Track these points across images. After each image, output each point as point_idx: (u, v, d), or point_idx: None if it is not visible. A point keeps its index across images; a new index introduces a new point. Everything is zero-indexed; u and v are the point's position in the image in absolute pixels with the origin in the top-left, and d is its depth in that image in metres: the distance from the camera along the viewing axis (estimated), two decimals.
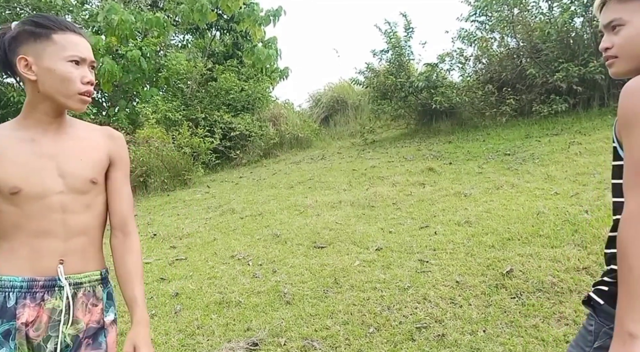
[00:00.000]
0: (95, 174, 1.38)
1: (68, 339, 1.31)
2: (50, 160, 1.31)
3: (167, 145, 8.66)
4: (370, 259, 3.79)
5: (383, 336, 2.72)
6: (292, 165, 8.81)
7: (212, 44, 11.91)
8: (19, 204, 1.27)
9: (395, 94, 9.60)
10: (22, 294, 1.27)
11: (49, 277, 1.29)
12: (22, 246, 1.29)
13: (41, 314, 1.28)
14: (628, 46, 1.16)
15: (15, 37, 1.28)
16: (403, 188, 5.85)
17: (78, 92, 1.29)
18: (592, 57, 7.56)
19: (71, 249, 1.32)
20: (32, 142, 1.31)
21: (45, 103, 1.31)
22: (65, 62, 1.27)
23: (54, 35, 1.27)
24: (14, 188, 1.25)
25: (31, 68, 1.27)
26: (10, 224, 1.28)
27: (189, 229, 5.42)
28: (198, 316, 3.23)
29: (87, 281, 1.36)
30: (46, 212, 1.29)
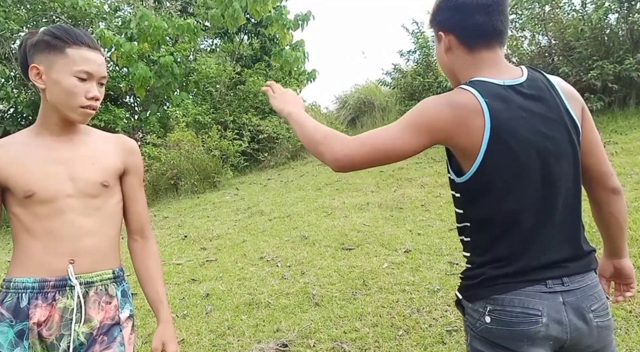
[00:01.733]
0: (107, 177, 1.43)
1: (82, 337, 1.35)
2: (62, 165, 1.37)
3: (197, 148, 8.79)
4: (398, 261, 3.77)
5: (413, 339, 2.70)
6: (319, 167, 8.82)
7: (241, 48, 12.05)
8: (31, 206, 1.33)
9: (423, 94, 9.49)
10: (34, 295, 1.32)
11: (60, 277, 1.34)
12: (34, 247, 1.34)
13: (53, 314, 1.32)
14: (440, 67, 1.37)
15: (35, 45, 1.34)
16: (432, 189, 5.79)
17: (80, 106, 1.34)
18: (628, 54, 7.33)
19: (81, 250, 1.36)
20: (47, 149, 1.37)
21: (53, 112, 1.37)
22: (71, 77, 1.32)
23: (67, 49, 1.32)
24: (28, 191, 1.31)
25: (41, 77, 1.33)
26: (23, 227, 1.34)
27: (218, 230, 5.49)
28: (228, 316, 3.27)
29: (99, 279, 1.40)
30: (57, 214, 1.34)
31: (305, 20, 10.89)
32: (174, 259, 4.63)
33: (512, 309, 1.14)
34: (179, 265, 4.44)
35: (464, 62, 1.24)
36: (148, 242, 1.55)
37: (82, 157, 1.40)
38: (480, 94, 1.14)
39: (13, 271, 1.36)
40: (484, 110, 1.12)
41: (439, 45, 1.29)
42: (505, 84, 1.18)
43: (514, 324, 1.13)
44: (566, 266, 1.18)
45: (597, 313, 1.18)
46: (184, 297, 3.69)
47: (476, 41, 1.22)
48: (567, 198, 1.20)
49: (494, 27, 1.21)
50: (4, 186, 1.34)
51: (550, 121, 1.18)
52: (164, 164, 8.59)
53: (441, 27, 1.26)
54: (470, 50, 1.23)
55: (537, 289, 1.14)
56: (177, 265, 4.44)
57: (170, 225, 6.18)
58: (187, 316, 3.37)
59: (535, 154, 1.15)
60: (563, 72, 7.82)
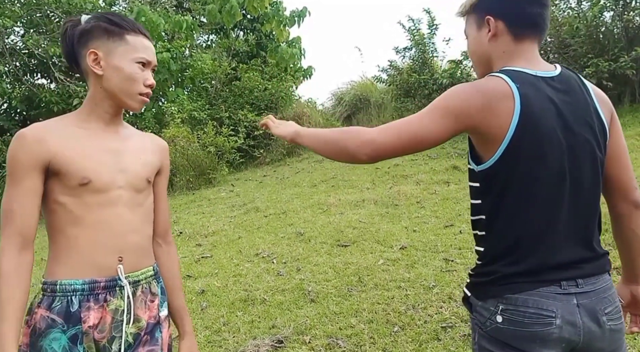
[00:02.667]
0: (150, 174, 1.41)
1: (130, 338, 1.31)
2: (113, 155, 1.33)
3: (192, 145, 8.77)
4: (394, 258, 3.78)
5: (408, 335, 2.71)
6: (315, 163, 8.82)
7: (237, 44, 12.01)
8: (84, 195, 1.26)
9: (418, 91, 9.50)
10: (85, 297, 1.26)
11: (110, 277, 1.29)
12: (82, 241, 1.27)
13: (105, 316, 1.27)
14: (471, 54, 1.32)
15: (89, 31, 1.30)
16: (427, 186, 5.80)
17: (139, 93, 1.33)
18: (623, 52, 7.36)
19: (128, 246, 1.33)
20: (98, 137, 1.33)
21: (106, 99, 1.33)
22: (133, 63, 1.30)
23: (127, 35, 1.30)
24: (84, 179, 1.25)
25: (99, 63, 1.30)
26: (71, 218, 1.26)
27: (214, 227, 5.49)
28: (224, 313, 3.28)
29: (144, 277, 1.37)
30: (108, 205, 1.29)
31: (301, 17, 10.86)
32: None
33: (525, 310, 1.11)
34: None
35: (504, 51, 1.22)
36: (171, 248, 1.54)
37: (130, 150, 1.38)
38: (511, 79, 1.12)
39: (56, 271, 1.27)
40: (514, 94, 1.10)
41: (480, 31, 1.25)
42: (537, 74, 1.16)
43: (527, 324, 1.11)
44: (581, 266, 1.15)
45: (611, 316, 1.15)
46: None
47: (525, 31, 1.20)
48: (586, 197, 1.17)
49: (544, 20, 1.21)
50: (55, 170, 1.24)
51: (578, 118, 1.15)
52: None
53: (490, 11, 1.22)
54: (516, 40, 1.21)
55: (552, 290, 1.12)
56: None
57: None
58: None
59: (559, 147, 1.12)
60: None
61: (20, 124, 10.17)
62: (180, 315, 1.49)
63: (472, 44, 1.30)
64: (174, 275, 1.50)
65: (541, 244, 1.14)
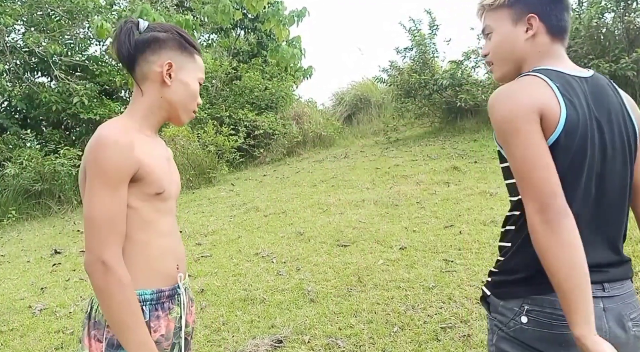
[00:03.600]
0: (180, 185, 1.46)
1: (183, 344, 1.35)
2: (167, 164, 1.38)
3: (192, 144, 8.78)
4: (394, 258, 3.78)
5: (407, 336, 2.71)
6: (315, 163, 8.82)
7: (237, 43, 12.01)
8: (155, 203, 1.28)
9: (419, 92, 9.51)
10: (154, 307, 1.27)
11: (172, 286, 1.32)
12: (150, 248, 1.27)
13: (169, 324, 1.30)
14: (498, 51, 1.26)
15: (164, 41, 1.33)
16: (427, 187, 5.80)
17: (192, 110, 1.40)
18: (624, 53, 7.36)
19: (181, 254, 1.38)
20: (155, 144, 1.35)
21: (163, 109, 1.35)
22: (196, 81, 1.38)
23: (196, 55, 1.38)
24: (160, 188, 1.27)
25: (171, 75, 1.32)
26: (142, 222, 1.26)
27: (213, 226, 5.48)
28: (223, 312, 3.27)
29: (187, 284, 1.42)
30: (167, 214, 1.33)
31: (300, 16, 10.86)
32: None
33: (552, 311, 1.08)
34: None
35: (540, 51, 1.21)
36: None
37: (172, 160, 1.44)
38: (549, 79, 1.12)
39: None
40: (556, 94, 1.10)
41: (516, 28, 1.22)
42: (572, 74, 1.16)
43: (553, 327, 1.08)
44: (607, 271, 1.13)
45: (636, 322, 1.13)
46: None
47: (559, 35, 1.21)
48: (617, 202, 1.16)
49: (568, 24, 1.24)
50: (139, 178, 1.23)
51: (611, 122, 1.15)
52: None
53: (534, 10, 1.20)
54: (552, 41, 1.21)
55: None
56: None
57: None
58: None
59: (592, 148, 1.11)
60: None
61: (20, 123, 10.16)
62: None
63: (501, 39, 1.24)
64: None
65: None
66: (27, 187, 8.28)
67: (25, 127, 9.94)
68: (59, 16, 9.72)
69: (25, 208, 8.23)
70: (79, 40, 10.27)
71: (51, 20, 9.74)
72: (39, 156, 8.52)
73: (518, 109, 1.08)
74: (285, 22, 10.83)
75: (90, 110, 9.37)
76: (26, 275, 4.79)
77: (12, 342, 3.30)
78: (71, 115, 9.61)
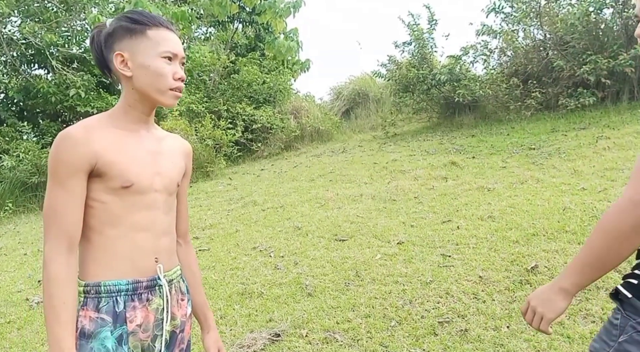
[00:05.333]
0: (180, 178, 1.41)
1: (168, 336, 1.34)
2: (152, 158, 1.32)
3: (190, 137, 8.75)
4: (391, 253, 3.79)
5: (405, 330, 2.72)
6: (313, 158, 8.82)
7: (235, 37, 11.96)
8: (124, 197, 1.26)
9: (417, 86, 9.51)
10: (129, 297, 1.26)
11: (150, 277, 1.30)
12: (121, 242, 1.26)
13: (148, 315, 1.29)
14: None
15: (112, 34, 1.28)
16: (425, 182, 5.80)
17: (170, 88, 1.29)
18: (622, 49, 7.36)
19: (161, 248, 1.34)
20: (136, 138, 1.31)
21: (140, 100, 1.31)
22: (158, 58, 1.27)
23: (148, 31, 1.27)
24: (127, 182, 1.24)
25: (127, 64, 1.27)
26: (111, 217, 1.25)
27: (211, 220, 5.48)
28: (221, 306, 3.28)
29: (175, 276, 1.39)
30: (144, 208, 1.29)
31: (296, 7, 10.82)
32: None
33: None
34: None
35: None
36: (190, 247, 1.56)
37: (165, 152, 1.37)
38: None
39: (98, 272, 1.26)
40: None
41: None
42: None
43: None
44: None
45: None
46: None
47: None
48: None
49: None
50: (100, 172, 1.23)
51: None
52: None
53: None
54: None
55: None
56: None
57: None
58: None
59: None
60: (558, 66, 7.85)
61: (17, 115, 10.11)
62: (203, 310, 1.53)
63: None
64: (194, 272, 1.53)
65: None
66: (24, 179, 8.25)
67: (22, 119, 9.89)
68: (56, 7, 9.65)
69: (22, 201, 8.21)
70: (76, 32, 10.20)
71: (47, 11, 9.67)
72: (36, 149, 8.49)
73: None
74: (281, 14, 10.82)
75: (87, 103, 9.32)
76: (23, 267, 4.78)
77: (9, 334, 3.30)
78: (68, 107, 9.56)
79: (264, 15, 10.90)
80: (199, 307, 1.52)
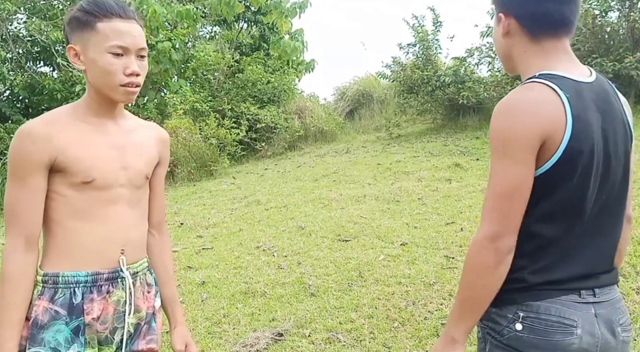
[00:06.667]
0: (149, 170, 1.38)
1: (131, 329, 1.33)
2: (117, 152, 1.29)
3: (194, 136, 8.76)
4: (395, 254, 3.79)
5: (408, 331, 2.72)
6: (316, 158, 8.82)
7: (240, 36, 11.97)
8: (87, 192, 1.24)
9: (421, 88, 9.49)
10: (88, 289, 1.24)
11: (112, 269, 1.28)
12: (85, 235, 1.25)
13: (107, 307, 1.27)
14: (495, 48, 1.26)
15: (69, 24, 1.25)
16: (429, 183, 5.80)
17: (120, 85, 1.23)
18: (628, 52, 7.34)
19: (129, 241, 1.32)
20: (101, 131, 1.28)
21: (97, 94, 1.28)
22: (106, 54, 1.20)
23: (98, 23, 1.20)
24: (87, 177, 1.22)
25: (80, 58, 1.24)
26: (73, 211, 1.24)
27: (215, 219, 5.49)
28: (224, 304, 3.29)
29: (141, 269, 1.37)
30: (109, 203, 1.27)
31: (302, 8, 10.83)
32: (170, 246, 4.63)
33: (547, 318, 1.07)
34: (175, 252, 4.44)
35: (525, 50, 1.16)
36: (164, 238, 1.51)
37: (132, 145, 1.33)
38: (559, 88, 1.05)
39: (58, 263, 1.24)
40: (564, 104, 1.04)
41: (497, 26, 1.19)
42: (578, 80, 1.10)
43: (549, 333, 1.07)
44: (598, 276, 1.13)
45: (624, 327, 1.14)
46: (180, 284, 3.70)
47: (540, 30, 1.13)
48: (613, 209, 1.16)
49: (563, 16, 1.12)
50: (60, 167, 1.21)
51: (615, 129, 1.12)
52: None
53: (502, 8, 1.16)
54: (533, 39, 1.14)
55: (571, 298, 1.09)
56: (174, 252, 4.44)
57: (167, 212, 6.14)
58: (182, 303, 3.38)
59: (598, 158, 1.08)
60: None
61: (22, 112, 10.15)
62: (171, 304, 1.48)
63: (494, 38, 1.26)
64: (166, 265, 1.49)
65: (572, 254, 1.11)
66: None
67: (28, 116, 9.91)
68: (62, 5, 9.68)
69: None
70: None
71: (53, 8, 9.70)
72: None
73: (516, 130, 1.04)
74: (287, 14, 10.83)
75: None
76: None
77: None
78: None
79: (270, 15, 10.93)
80: (167, 301, 1.48)
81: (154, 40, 9.95)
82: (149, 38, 9.91)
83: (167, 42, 9.78)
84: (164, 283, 1.48)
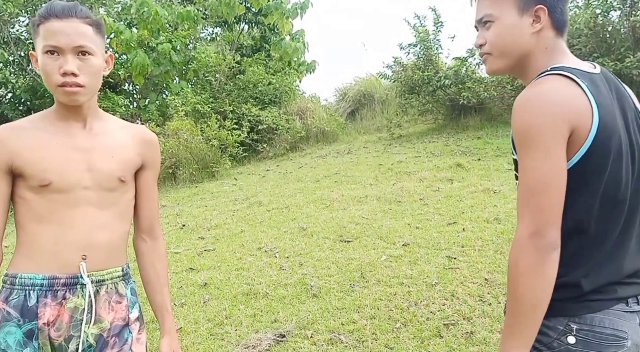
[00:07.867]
0: (125, 173, 1.34)
1: (91, 339, 1.27)
2: (81, 154, 1.28)
3: (196, 138, 8.78)
4: (397, 255, 3.79)
5: (410, 332, 2.72)
6: (318, 159, 8.82)
7: (241, 37, 11.98)
8: (46, 195, 1.24)
9: (423, 88, 9.49)
10: (43, 293, 1.22)
11: (71, 274, 1.24)
12: (44, 237, 1.24)
13: (62, 313, 1.23)
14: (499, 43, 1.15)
15: (32, 29, 1.27)
16: (430, 184, 5.80)
17: (57, 85, 1.21)
18: (629, 52, 7.33)
19: (93, 244, 1.28)
20: (65, 136, 1.28)
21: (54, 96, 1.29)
22: (42, 55, 1.20)
23: (40, 26, 1.21)
24: (44, 180, 1.22)
25: (38, 63, 1.25)
26: (33, 214, 1.24)
27: (216, 220, 5.49)
28: (226, 306, 3.29)
29: (110, 278, 1.32)
30: (71, 205, 1.26)
31: (303, 9, 10.84)
32: (172, 248, 4.63)
33: (602, 330, 1.01)
34: (177, 254, 4.44)
35: (546, 47, 1.13)
36: (157, 243, 1.47)
37: (101, 148, 1.31)
38: (577, 77, 1.03)
39: (18, 263, 1.25)
40: (589, 97, 1.01)
41: (522, 19, 1.11)
42: (589, 71, 1.09)
43: (603, 347, 1.01)
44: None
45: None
46: (182, 285, 3.70)
47: (563, 28, 1.14)
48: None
49: (567, 15, 1.15)
50: (18, 172, 1.23)
51: (632, 116, 1.09)
52: (163, 153, 8.54)
53: (544, 2, 1.10)
54: (556, 36, 1.13)
55: (620, 308, 1.03)
56: (175, 254, 4.44)
57: (169, 214, 6.18)
58: (184, 305, 3.38)
59: (625, 144, 1.04)
60: None
61: (24, 114, 10.17)
62: (161, 313, 1.43)
63: (504, 31, 1.14)
64: (157, 271, 1.44)
65: (612, 257, 1.05)
66: None
67: None
68: None
69: None
70: None
71: None
72: None
73: (546, 117, 0.99)
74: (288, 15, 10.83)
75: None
76: None
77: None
78: None
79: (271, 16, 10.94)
80: (157, 309, 1.43)
81: (154, 42, 9.98)
82: (149, 40, 9.95)
83: (167, 44, 9.81)
84: (154, 290, 1.44)
